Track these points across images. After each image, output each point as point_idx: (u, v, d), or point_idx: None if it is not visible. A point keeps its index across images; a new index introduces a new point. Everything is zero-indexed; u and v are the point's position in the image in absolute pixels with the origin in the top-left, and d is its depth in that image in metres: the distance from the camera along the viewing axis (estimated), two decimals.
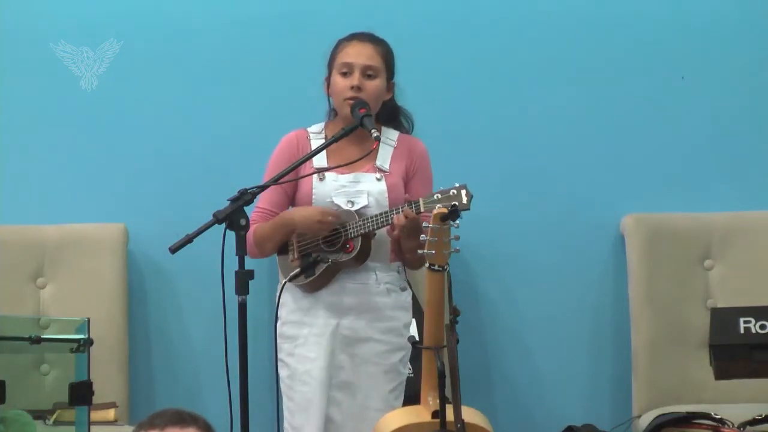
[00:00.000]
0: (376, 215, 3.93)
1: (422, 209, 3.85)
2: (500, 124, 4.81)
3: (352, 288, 4.02)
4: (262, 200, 4.07)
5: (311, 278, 4.00)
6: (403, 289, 4.08)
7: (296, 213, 4.02)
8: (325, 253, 3.99)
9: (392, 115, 4.15)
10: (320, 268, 3.99)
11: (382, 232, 3.98)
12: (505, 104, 4.81)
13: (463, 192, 3.84)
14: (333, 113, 4.14)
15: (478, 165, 4.74)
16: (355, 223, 3.96)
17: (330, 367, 3.99)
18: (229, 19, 4.78)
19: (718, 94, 4.84)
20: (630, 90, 4.83)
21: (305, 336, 4.02)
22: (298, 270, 3.99)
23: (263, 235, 4.04)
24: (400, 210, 3.89)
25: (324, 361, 3.99)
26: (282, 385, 4.06)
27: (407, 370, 4.11)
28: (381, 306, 4.03)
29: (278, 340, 4.04)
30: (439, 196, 3.85)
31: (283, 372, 4.05)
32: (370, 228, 3.93)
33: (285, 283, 4.00)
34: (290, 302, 4.05)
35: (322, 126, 4.14)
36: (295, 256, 4.03)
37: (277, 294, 4.03)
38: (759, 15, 4.83)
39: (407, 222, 3.84)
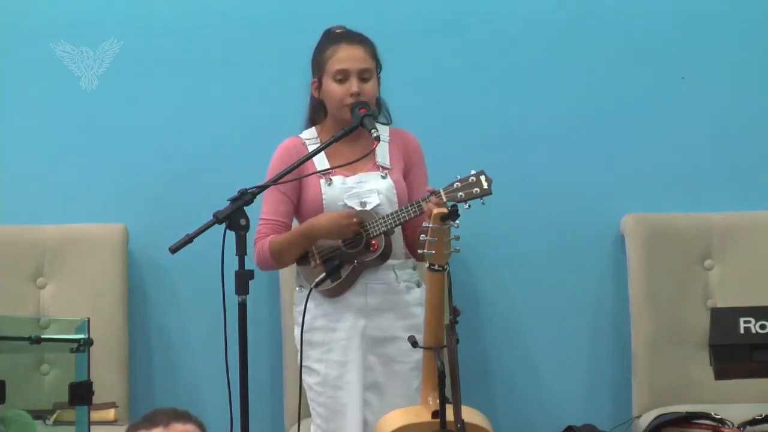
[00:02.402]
0: (396, 211, 3.95)
1: (444, 199, 3.86)
2: (500, 123, 4.81)
3: (375, 288, 4.02)
4: (268, 211, 4.05)
5: (337, 282, 3.99)
6: (418, 285, 4.09)
7: (318, 221, 4.00)
8: (349, 254, 3.99)
9: (377, 108, 4.14)
10: (345, 271, 3.98)
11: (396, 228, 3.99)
12: (505, 104, 4.81)
13: (483, 177, 3.87)
14: (321, 115, 4.12)
15: (478, 165, 4.71)
16: (376, 221, 3.96)
17: (362, 369, 3.99)
18: (230, 18, 4.78)
19: (718, 94, 4.84)
20: (630, 90, 4.83)
21: (334, 341, 4.01)
22: (323, 275, 3.98)
23: (282, 248, 4.02)
24: (421, 203, 3.89)
25: (356, 363, 3.99)
26: (310, 393, 4.03)
27: None
28: (403, 303, 4.04)
29: (303, 347, 4.01)
30: (459, 184, 3.87)
31: (311, 379, 4.02)
32: (392, 224, 3.95)
33: (311, 289, 3.98)
34: (312, 308, 4.02)
35: (314, 131, 4.13)
36: (318, 262, 4.02)
37: (301, 300, 4.00)
38: (759, 15, 4.83)
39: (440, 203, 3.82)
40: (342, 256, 3.99)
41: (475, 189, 3.86)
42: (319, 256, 4.02)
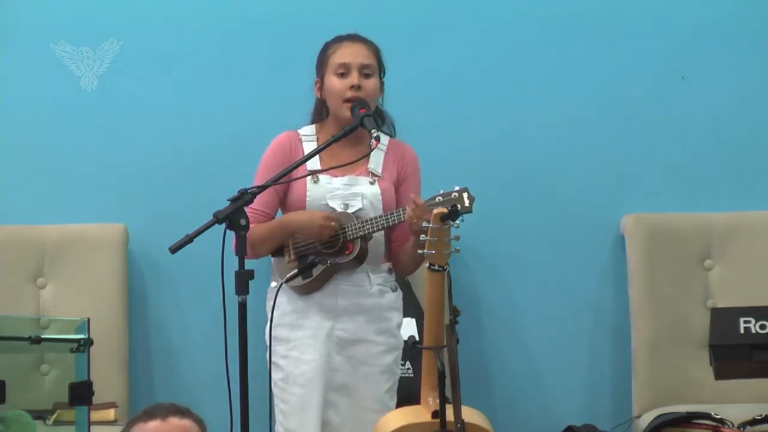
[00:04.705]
0: (376, 217, 3.93)
1: None
2: (500, 124, 4.81)
3: (346, 289, 4.01)
4: (254, 201, 4.04)
5: (308, 280, 3.99)
6: (393, 290, 4.08)
7: (298, 217, 4.00)
8: (323, 254, 3.98)
9: (380, 118, 4.13)
10: (318, 270, 3.98)
11: (376, 234, 3.98)
12: (505, 104, 4.81)
13: (465, 195, 3.84)
14: (323, 115, 4.11)
15: (478, 165, 4.74)
16: (355, 224, 3.95)
17: (325, 369, 3.98)
18: (229, 18, 4.78)
19: (718, 94, 4.84)
20: (630, 90, 4.83)
21: (299, 338, 4.01)
22: (295, 271, 3.97)
23: (259, 238, 4.00)
24: (401, 213, 3.89)
25: (319, 363, 3.98)
26: (275, 388, 4.02)
27: (400, 370, 4.11)
28: (375, 307, 4.03)
29: (272, 343, 4.01)
30: (441, 198, 3.85)
31: (276, 375, 4.01)
32: (370, 230, 3.93)
33: (281, 284, 3.98)
34: (284, 304, 4.01)
35: (313, 128, 4.12)
36: (292, 258, 4.02)
37: (273, 295, 3.99)
38: (759, 15, 4.83)
39: (418, 209, 3.81)
40: (316, 255, 3.98)
41: (454, 204, 3.83)
42: (294, 252, 4.01)
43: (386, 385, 4.02)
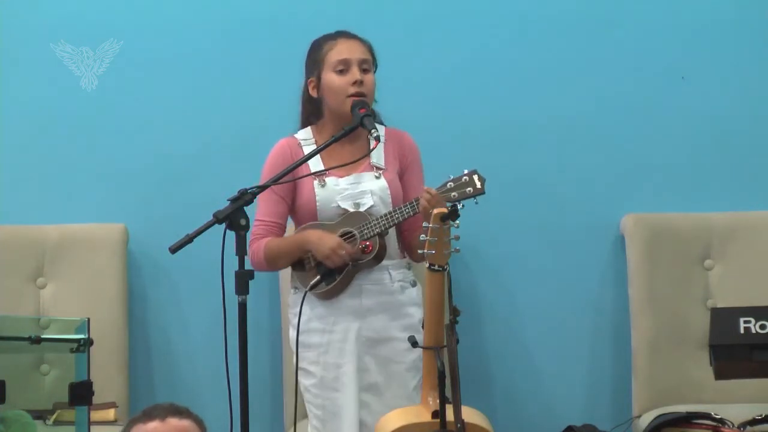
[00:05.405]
0: (390, 212, 3.95)
1: None
2: (500, 124, 4.81)
3: (369, 289, 4.02)
4: (262, 212, 4.04)
5: (332, 284, 3.99)
6: (413, 285, 4.09)
7: (311, 237, 3.97)
8: None
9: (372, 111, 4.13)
10: (340, 274, 3.98)
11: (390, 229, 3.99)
12: (505, 104, 4.81)
13: (476, 177, 3.87)
14: (319, 115, 4.10)
15: (477, 165, 4.72)
16: (369, 223, 3.95)
17: (357, 371, 3.98)
18: (229, 19, 4.78)
19: (718, 94, 4.84)
20: (630, 90, 4.83)
21: (330, 342, 4.01)
22: (318, 278, 3.97)
23: (276, 254, 4.02)
24: (415, 204, 3.89)
25: (352, 365, 3.98)
26: (306, 395, 4.02)
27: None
28: (398, 304, 4.04)
29: (299, 349, 3.99)
30: (452, 184, 3.87)
31: (307, 381, 4.01)
32: (386, 226, 3.94)
33: (306, 292, 3.98)
34: (307, 310, 4.02)
35: (309, 131, 4.12)
36: (312, 265, 4.01)
37: (295, 302, 4.00)
38: (759, 15, 4.83)
39: (433, 199, 3.82)
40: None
41: (468, 189, 3.86)
42: (314, 259, 4.01)
43: (413, 381, 4.03)
